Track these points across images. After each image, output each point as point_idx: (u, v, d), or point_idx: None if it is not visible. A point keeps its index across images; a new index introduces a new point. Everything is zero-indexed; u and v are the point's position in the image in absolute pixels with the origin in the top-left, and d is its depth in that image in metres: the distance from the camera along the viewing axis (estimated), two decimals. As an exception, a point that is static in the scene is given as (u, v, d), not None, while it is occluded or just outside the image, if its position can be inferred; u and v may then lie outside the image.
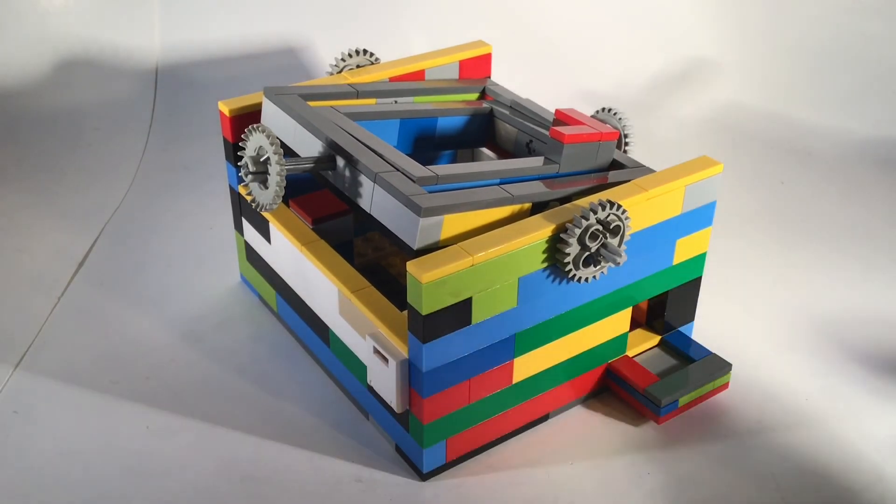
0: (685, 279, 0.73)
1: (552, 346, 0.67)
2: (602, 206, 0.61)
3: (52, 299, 0.83)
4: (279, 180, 0.64)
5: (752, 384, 0.74)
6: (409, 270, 0.57)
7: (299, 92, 0.74)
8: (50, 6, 1.12)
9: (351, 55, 0.83)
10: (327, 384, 0.74)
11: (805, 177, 1.05)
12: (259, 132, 0.64)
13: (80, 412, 0.71)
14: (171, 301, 0.83)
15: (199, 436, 0.69)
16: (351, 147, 0.66)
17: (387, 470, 0.66)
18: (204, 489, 0.64)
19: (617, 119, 0.75)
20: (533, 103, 0.79)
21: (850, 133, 1.12)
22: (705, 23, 1.22)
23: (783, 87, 1.18)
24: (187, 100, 1.13)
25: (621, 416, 0.71)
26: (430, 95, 0.80)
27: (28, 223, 0.94)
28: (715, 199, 0.70)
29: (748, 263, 0.89)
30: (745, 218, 0.96)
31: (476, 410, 0.65)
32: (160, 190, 1.00)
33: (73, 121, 1.09)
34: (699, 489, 0.65)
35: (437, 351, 0.60)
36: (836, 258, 0.90)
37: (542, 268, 0.62)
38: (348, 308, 0.67)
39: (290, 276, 0.75)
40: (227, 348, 0.77)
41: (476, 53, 0.85)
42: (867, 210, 0.99)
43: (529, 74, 1.16)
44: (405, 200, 0.61)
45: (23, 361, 0.76)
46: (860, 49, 1.16)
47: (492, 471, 0.66)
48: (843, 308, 0.83)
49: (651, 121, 1.14)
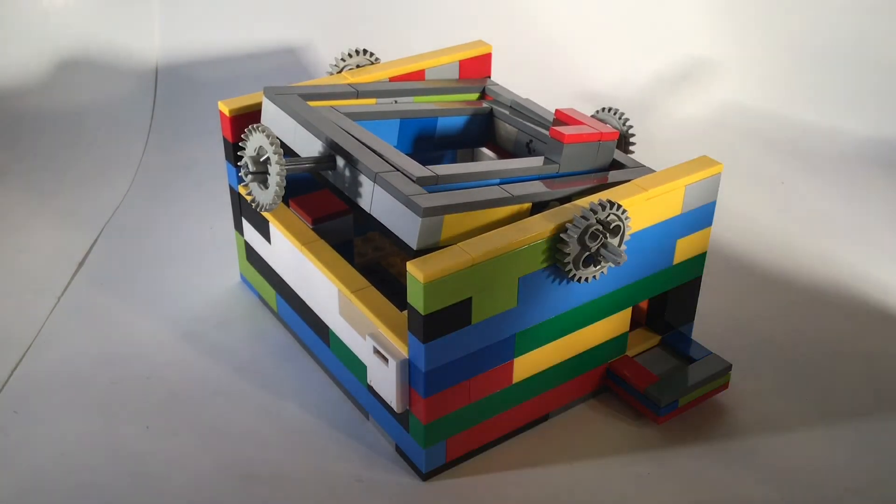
0: (685, 279, 0.72)
1: (552, 346, 0.67)
2: (602, 205, 0.61)
3: (52, 299, 0.83)
4: (279, 180, 0.64)
5: (751, 384, 0.74)
6: (410, 270, 0.57)
7: (299, 92, 0.74)
8: (50, 6, 1.12)
9: (351, 55, 0.83)
10: (327, 384, 0.74)
11: (805, 177, 1.05)
12: (259, 132, 0.64)
13: (80, 412, 0.71)
14: (171, 301, 0.83)
15: (199, 436, 0.69)
16: (351, 147, 0.66)
17: (387, 470, 0.66)
18: (204, 489, 0.64)
19: (617, 119, 0.75)
20: (533, 103, 0.79)
21: (850, 133, 1.12)
22: (705, 22, 1.22)
23: (783, 86, 1.18)
24: (187, 99, 1.13)
25: (621, 416, 0.71)
26: (430, 95, 0.80)
27: (28, 223, 0.94)
28: (715, 199, 0.70)
29: (748, 263, 0.89)
30: (745, 218, 0.96)
31: (476, 410, 0.65)
32: (160, 190, 1.00)
33: (74, 120, 1.09)
34: (699, 489, 0.65)
35: (437, 351, 0.60)
36: (837, 258, 0.90)
37: (542, 268, 0.62)
38: (348, 308, 0.67)
39: (290, 276, 0.75)
40: (227, 348, 0.77)
41: (476, 53, 0.85)
42: (867, 210, 0.99)
43: (529, 74, 1.16)
44: (405, 200, 0.61)
45: (23, 361, 0.76)
46: (860, 48, 1.16)
47: (492, 471, 0.66)
48: (843, 307, 0.83)
49: (651, 121, 1.14)
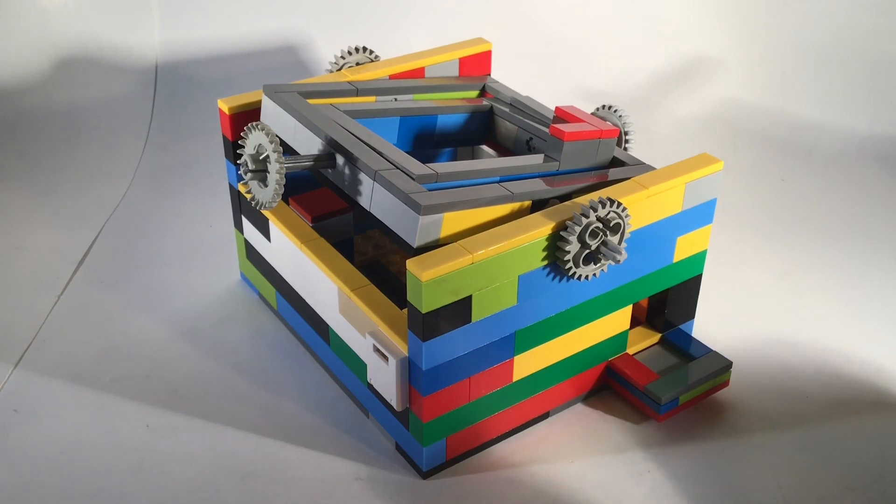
0: (685, 277, 0.72)
1: (552, 344, 0.67)
2: (602, 203, 0.61)
3: (53, 297, 0.83)
4: (279, 178, 0.64)
5: (752, 382, 0.74)
6: (409, 268, 0.57)
7: (299, 90, 0.74)
8: (50, 4, 1.12)
9: (351, 52, 0.83)
10: (327, 382, 0.74)
11: (806, 174, 1.05)
12: (259, 130, 0.64)
13: (81, 410, 0.71)
14: (171, 299, 0.83)
15: (199, 434, 0.69)
16: (350, 145, 0.66)
17: (387, 468, 0.66)
18: (204, 487, 0.64)
19: (617, 116, 0.74)
20: (533, 101, 0.79)
21: (851, 130, 1.12)
22: (705, 19, 1.22)
23: (784, 83, 1.18)
24: (187, 98, 1.13)
25: (622, 413, 0.71)
26: (430, 93, 0.80)
27: (28, 221, 0.94)
28: (715, 197, 0.70)
29: (749, 261, 0.89)
30: (745, 215, 0.96)
31: (476, 408, 0.65)
32: (160, 188, 1.00)
33: (73, 119, 1.09)
34: (699, 487, 0.65)
35: (437, 349, 0.60)
36: (837, 255, 0.90)
37: (542, 265, 0.62)
38: (348, 306, 0.67)
39: (289, 274, 0.75)
40: (227, 346, 0.77)
41: (476, 51, 0.85)
42: (868, 207, 0.99)
43: (529, 72, 1.16)
44: (405, 198, 0.60)
45: (23, 360, 0.76)
46: (861, 45, 1.16)
47: (492, 469, 0.66)
48: (844, 306, 0.83)
49: (651, 118, 1.14)
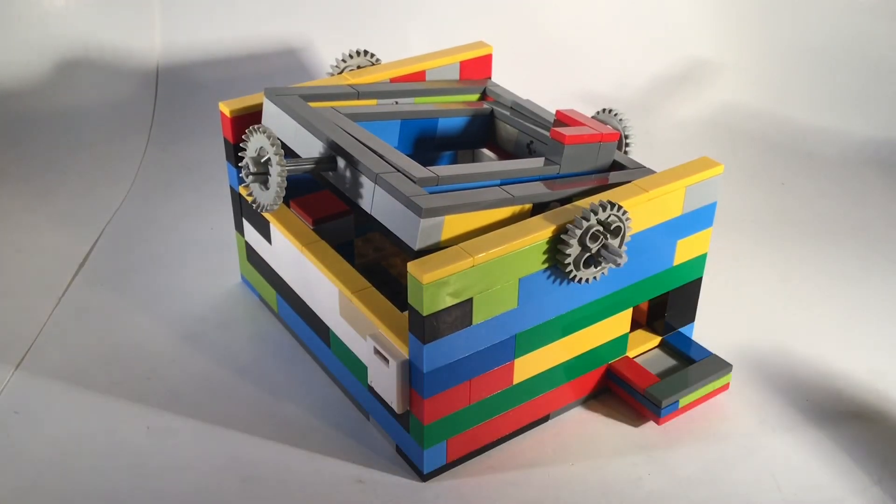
0: (686, 280, 0.72)
1: (553, 347, 0.67)
2: (603, 206, 0.61)
3: (53, 300, 0.83)
4: (280, 181, 0.64)
5: (752, 385, 0.74)
6: (410, 271, 0.57)
7: (300, 93, 0.74)
8: (51, 6, 1.12)
9: (352, 56, 0.83)
10: (328, 385, 0.74)
11: (805, 178, 1.05)
12: (260, 133, 0.64)
13: (81, 412, 0.71)
14: (171, 302, 0.83)
15: (200, 436, 0.69)
16: (352, 148, 0.66)
17: (387, 471, 0.66)
18: (204, 489, 0.64)
19: (617, 120, 0.75)
20: (533, 104, 0.79)
21: (850, 134, 1.12)
22: (706, 23, 1.22)
23: (784, 87, 1.18)
24: (188, 100, 1.13)
25: (622, 416, 0.71)
26: (431, 96, 0.80)
27: (29, 223, 0.94)
28: (715, 200, 0.70)
29: (749, 264, 0.89)
30: (745, 219, 0.96)
31: (476, 411, 0.65)
32: (161, 190, 1.00)
33: (74, 121, 1.09)
34: (699, 490, 0.65)
35: (437, 352, 0.60)
36: (837, 258, 0.90)
37: (542, 269, 0.62)
38: (349, 309, 0.67)
39: (290, 276, 0.75)
40: (227, 349, 0.77)
41: (477, 54, 0.85)
42: (867, 211, 0.99)
43: (530, 75, 1.16)
44: (406, 201, 0.61)
45: (23, 362, 0.76)
46: (861, 49, 1.16)
47: (492, 471, 0.66)
48: (843, 308, 0.83)
49: (651, 121, 1.14)
